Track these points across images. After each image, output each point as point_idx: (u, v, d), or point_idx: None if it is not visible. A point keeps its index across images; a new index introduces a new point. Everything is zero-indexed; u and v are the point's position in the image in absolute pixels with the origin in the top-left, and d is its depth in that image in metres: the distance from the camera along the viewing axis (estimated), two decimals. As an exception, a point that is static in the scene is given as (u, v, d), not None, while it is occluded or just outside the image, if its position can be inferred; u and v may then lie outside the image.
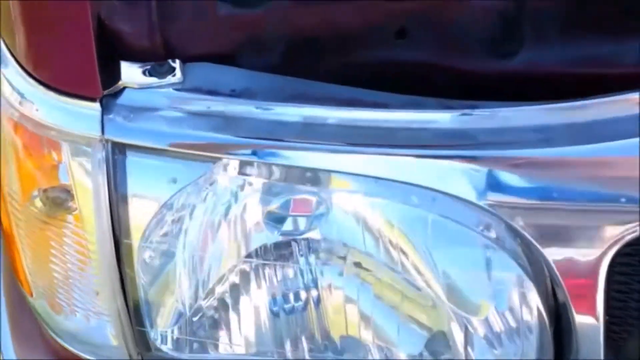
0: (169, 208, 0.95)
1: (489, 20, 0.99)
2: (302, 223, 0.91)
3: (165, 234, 0.96)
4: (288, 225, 0.91)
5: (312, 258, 0.93)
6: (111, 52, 0.97)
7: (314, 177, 0.91)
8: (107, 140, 0.93)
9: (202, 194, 0.93)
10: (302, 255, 0.93)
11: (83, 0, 0.92)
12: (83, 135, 0.94)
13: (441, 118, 0.90)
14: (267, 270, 0.95)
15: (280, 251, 0.94)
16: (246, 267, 0.94)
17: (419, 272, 0.91)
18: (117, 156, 0.94)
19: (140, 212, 0.96)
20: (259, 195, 0.92)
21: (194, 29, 0.98)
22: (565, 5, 0.98)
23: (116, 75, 0.95)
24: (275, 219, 0.91)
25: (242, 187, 0.93)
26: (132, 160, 0.95)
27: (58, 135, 0.95)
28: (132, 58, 0.97)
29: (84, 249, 0.99)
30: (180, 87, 0.94)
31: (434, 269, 0.91)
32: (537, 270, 0.91)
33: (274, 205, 0.91)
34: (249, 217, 0.92)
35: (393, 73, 1.02)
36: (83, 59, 0.93)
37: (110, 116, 0.93)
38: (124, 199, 0.96)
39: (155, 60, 0.96)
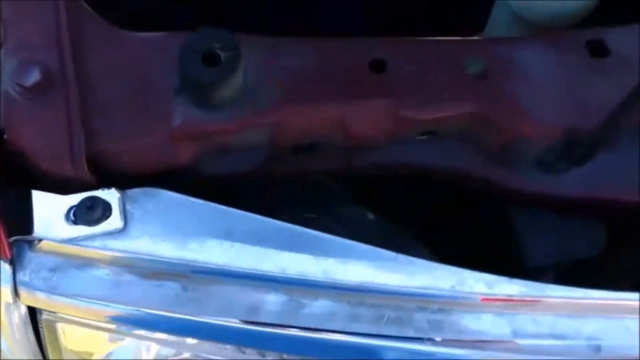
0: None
1: (548, 142, 0.77)
2: None
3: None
4: None
5: None
6: (21, 175, 0.71)
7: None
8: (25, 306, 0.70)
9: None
10: None
11: None
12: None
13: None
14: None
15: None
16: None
17: None
18: (42, 319, 0.71)
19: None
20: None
21: (139, 144, 0.72)
22: None
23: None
24: None
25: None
26: (62, 326, 0.72)
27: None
28: (49, 183, 0.71)
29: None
30: (120, 239, 0.69)
31: None
32: None
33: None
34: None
35: (414, 175, 0.82)
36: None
37: (25, 277, 0.68)
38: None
39: (82, 188, 0.70)
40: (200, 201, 0.72)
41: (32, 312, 0.75)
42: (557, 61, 0.79)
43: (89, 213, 0.69)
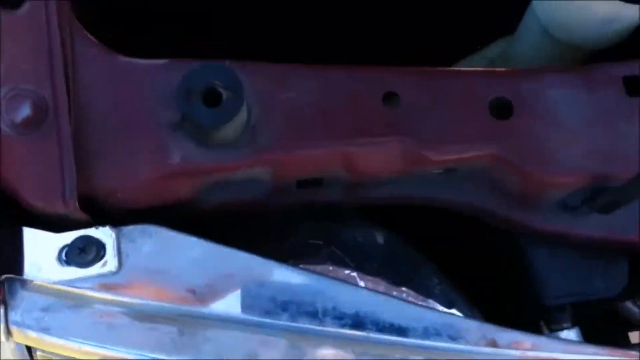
0: None
1: (573, 188, 0.72)
2: None
3: None
4: None
5: None
6: (13, 211, 0.68)
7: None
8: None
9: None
10: None
11: None
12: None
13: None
14: None
15: None
16: None
17: None
18: (37, 355, 0.69)
19: None
20: None
21: (134, 182, 0.67)
22: None
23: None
24: None
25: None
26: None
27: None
28: (41, 220, 0.67)
29: None
30: (114, 282, 0.66)
31: None
32: None
33: None
34: None
35: (425, 208, 0.78)
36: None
37: (17, 317, 0.66)
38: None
39: (75, 225, 0.67)
40: (200, 240, 0.68)
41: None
42: (590, 100, 0.72)
43: (81, 255, 0.66)
